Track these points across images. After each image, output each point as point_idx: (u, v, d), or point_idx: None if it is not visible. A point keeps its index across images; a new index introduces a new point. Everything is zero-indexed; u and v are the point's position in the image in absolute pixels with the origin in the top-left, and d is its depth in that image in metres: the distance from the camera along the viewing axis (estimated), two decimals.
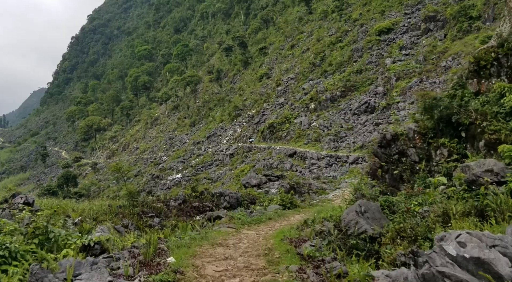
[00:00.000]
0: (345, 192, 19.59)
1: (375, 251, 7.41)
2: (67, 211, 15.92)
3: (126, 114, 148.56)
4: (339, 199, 17.89)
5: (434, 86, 49.65)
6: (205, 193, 20.23)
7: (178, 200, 18.63)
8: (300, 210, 15.26)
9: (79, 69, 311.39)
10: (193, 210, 17.67)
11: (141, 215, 16.19)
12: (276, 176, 27.44)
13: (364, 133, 49.52)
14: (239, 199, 19.38)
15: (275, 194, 21.52)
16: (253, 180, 25.84)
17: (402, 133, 12.16)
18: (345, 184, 21.65)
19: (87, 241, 7.52)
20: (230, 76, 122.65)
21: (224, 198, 19.07)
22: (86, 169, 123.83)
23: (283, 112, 66.72)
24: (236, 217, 12.73)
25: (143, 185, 69.30)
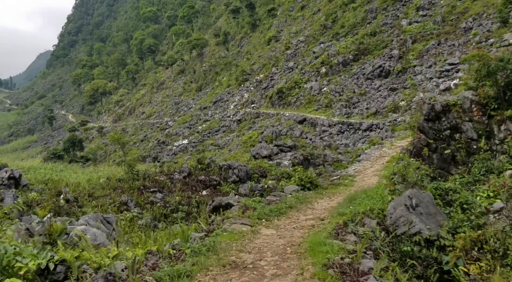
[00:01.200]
0: (365, 166, 17.93)
1: (433, 259, 5.78)
2: (60, 186, 14.39)
3: (132, 78, 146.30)
4: (361, 174, 16.28)
5: (453, 49, 46.98)
6: (212, 166, 18.65)
7: (183, 173, 17.11)
8: (323, 192, 13.12)
9: (84, 31, 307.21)
10: (199, 184, 16.17)
11: (142, 190, 14.71)
12: (288, 147, 25.75)
13: (378, 99, 47.39)
14: (249, 172, 17.82)
15: (288, 166, 19.92)
16: (264, 151, 24.17)
17: (455, 103, 10.08)
18: (365, 156, 19.93)
19: (44, 261, 4.93)
20: (237, 39, 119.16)
21: (232, 171, 17.51)
22: (93, 133, 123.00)
23: (293, 76, 64.35)
24: (250, 206, 10.33)
25: (149, 151, 68.14)
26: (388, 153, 20.34)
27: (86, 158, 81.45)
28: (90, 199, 13.62)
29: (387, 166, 16.65)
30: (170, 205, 14.29)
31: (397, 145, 21.70)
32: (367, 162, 18.74)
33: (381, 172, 15.96)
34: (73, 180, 17.25)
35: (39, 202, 12.57)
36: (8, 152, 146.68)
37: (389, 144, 22.02)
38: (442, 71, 43.80)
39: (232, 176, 17.67)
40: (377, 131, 41.86)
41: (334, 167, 21.83)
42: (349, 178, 15.38)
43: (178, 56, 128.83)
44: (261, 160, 22.73)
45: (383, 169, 16.48)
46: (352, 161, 22.91)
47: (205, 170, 18.35)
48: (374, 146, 22.12)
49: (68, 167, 59.84)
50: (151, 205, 14.06)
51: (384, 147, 21.49)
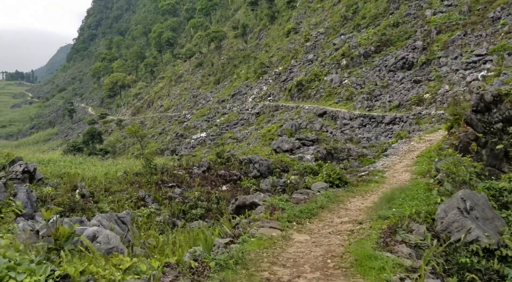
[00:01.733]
0: (393, 161, 16.97)
1: (495, 272, 4.97)
2: (76, 180, 13.86)
3: (150, 71, 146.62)
4: (390, 170, 15.35)
5: (480, 39, 45.29)
6: (232, 160, 17.95)
7: (202, 167, 16.46)
8: (353, 190, 12.11)
9: (104, 25, 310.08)
10: (219, 179, 15.52)
11: (160, 185, 14.11)
12: (310, 140, 24.89)
13: (401, 91, 46.06)
14: (270, 167, 17.09)
15: (310, 161, 19.12)
16: (285, 144, 23.36)
17: (507, 92, 9.06)
18: (393, 151, 18.92)
19: (43, 277, 3.97)
20: (256, 32, 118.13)
21: (253, 165, 16.80)
22: (112, 126, 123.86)
23: (312, 69, 63.22)
24: (278, 206, 9.37)
25: (167, 144, 67.98)
26: (417, 148, 19.34)
27: (105, 150, 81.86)
28: (106, 194, 13.08)
29: (418, 161, 15.73)
30: (189, 200, 13.62)
31: (425, 139, 20.68)
32: (395, 157, 17.76)
33: (412, 168, 15.02)
34: (90, 173, 16.71)
35: (54, 197, 12.04)
36: (30, 144, 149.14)
37: (417, 138, 21.00)
38: (468, 62, 42.27)
39: (253, 171, 16.96)
40: (400, 124, 40.67)
41: (359, 162, 20.92)
42: (379, 174, 14.49)
43: (196, 49, 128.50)
44: (282, 154, 21.95)
45: (414, 164, 15.53)
46: (378, 156, 21.93)
47: (224, 164, 17.68)
48: (401, 140, 21.09)
49: (87, 160, 60.05)
50: (169, 201, 13.44)
51: (412, 141, 20.49)
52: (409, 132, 24.66)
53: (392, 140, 24.09)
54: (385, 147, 23.60)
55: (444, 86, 41.25)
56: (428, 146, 18.66)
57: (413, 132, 23.02)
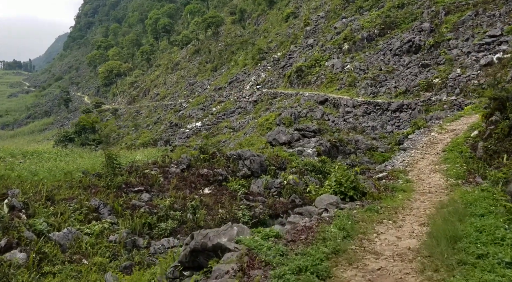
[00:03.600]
0: (414, 156, 13.96)
1: None
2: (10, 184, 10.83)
3: (147, 59, 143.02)
4: (413, 170, 12.33)
5: (494, 19, 42.06)
6: (218, 156, 15.02)
7: (181, 165, 13.60)
8: (377, 207, 8.24)
9: (101, 13, 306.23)
10: (200, 180, 12.68)
11: (124, 190, 11.15)
12: (312, 131, 21.88)
13: (408, 76, 42.99)
14: (264, 164, 14.22)
15: (312, 156, 16.23)
16: (282, 136, 20.36)
17: None
18: (411, 144, 15.89)
19: None
20: (254, 17, 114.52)
21: (243, 162, 13.94)
22: (107, 115, 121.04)
23: (313, 54, 60.01)
24: (259, 256, 5.47)
25: (160, 134, 65.00)
26: (440, 139, 16.31)
27: (98, 141, 79.00)
28: (48, 204, 10.18)
29: (447, 158, 12.72)
30: (159, 210, 10.76)
31: (447, 128, 17.67)
32: (415, 152, 14.68)
33: (441, 167, 12.05)
34: (32, 176, 13.49)
35: None
36: (25, 134, 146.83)
37: (438, 128, 17.99)
38: (481, 44, 39.12)
39: (242, 169, 14.11)
40: (408, 112, 37.76)
41: (370, 156, 18.06)
42: (402, 177, 11.35)
43: (193, 36, 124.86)
44: (278, 147, 18.97)
45: (442, 161, 12.55)
46: (391, 149, 19.04)
47: (208, 161, 14.79)
48: (418, 130, 18.12)
49: (75, 151, 57.18)
50: (133, 211, 10.57)
51: (433, 132, 17.52)
52: (426, 120, 21.80)
53: (408, 130, 21.07)
54: (399, 139, 20.59)
55: (455, 70, 38.18)
56: (453, 137, 15.71)
57: (431, 121, 20.08)
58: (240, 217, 11.24)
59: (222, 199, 12.26)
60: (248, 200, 12.45)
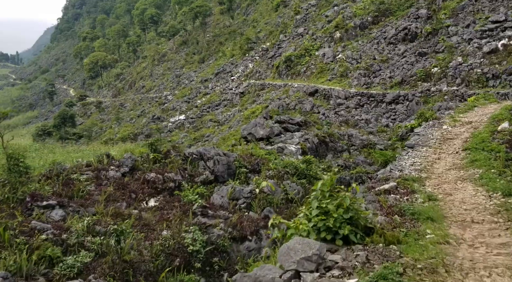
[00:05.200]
0: (426, 156, 10.80)
1: None
2: None
3: (133, 50, 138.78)
4: (431, 177, 9.13)
5: (496, 4, 39.10)
6: (172, 155, 11.78)
7: (123, 168, 10.39)
8: (400, 269, 4.43)
9: (88, 4, 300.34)
10: (146, 187, 9.43)
11: (28, 204, 7.91)
12: (296, 124, 18.65)
13: (404, 66, 39.98)
14: (232, 166, 11.13)
15: (295, 154, 13.12)
16: (260, 130, 17.08)
17: None
18: (419, 139, 12.71)
19: None
20: (243, 7, 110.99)
21: (205, 163, 10.73)
22: (91, 108, 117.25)
23: (303, 43, 56.76)
24: None
25: (141, 128, 61.51)
26: (455, 134, 13.13)
27: (79, 135, 75.34)
28: None
29: (473, 160, 9.47)
30: (69, 235, 7.62)
31: (462, 120, 14.52)
32: (426, 150, 11.57)
33: (469, 173, 8.87)
34: None
35: None
36: (9, 128, 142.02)
37: (450, 120, 14.84)
38: (484, 30, 36.17)
39: (203, 173, 10.97)
40: (405, 103, 34.80)
41: (366, 155, 14.97)
42: (418, 189, 8.14)
43: (180, 26, 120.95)
44: (254, 144, 15.76)
45: (470, 165, 9.36)
46: (392, 145, 15.94)
47: (160, 162, 11.58)
48: (426, 123, 15.02)
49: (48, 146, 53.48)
50: (29, 238, 7.37)
51: (445, 125, 14.40)
52: (433, 110, 18.89)
53: (412, 123, 17.83)
54: (401, 133, 17.44)
55: (456, 58, 35.20)
56: (473, 131, 12.65)
57: (440, 111, 17.12)
58: (188, 244, 8.07)
59: (170, 216, 9.13)
60: (206, 215, 9.32)
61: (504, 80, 30.18)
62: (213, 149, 12.00)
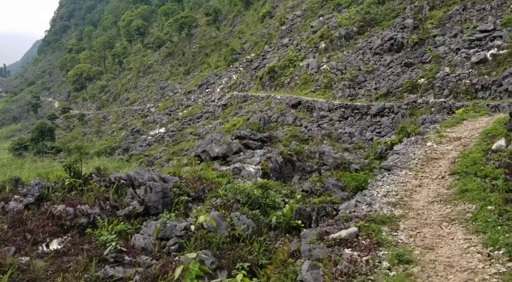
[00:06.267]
0: (404, 182, 8.73)
1: None
2: None
3: (119, 62, 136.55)
4: (409, 215, 6.83)
5: (484, 14, 37.78)
6: (93, 181, 9.63)
7: (28, 198, 8.17)
8: None
9: (76, 16, 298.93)
10: (49, 224, 7.25)
11: None
12: (258, 140, 16.56)
13: (389, 77, 38.37)
14: (168, 194, 9.00)
15: (254, 175, 11.10)
16: (215, 147, 14.95)
17: None
18: (399, 159, 10.54)
19: None
20: (229, 18, 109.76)
21: (134, 191, 8.61)
22: (74, 121, 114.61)
23: (287, 54, 55.14)
24: None
25: (119, 141, 59.11)
26: (441, 152, 11.19)
27: (57, 149, 72.63)
28: None
29: (465, 189, 7.28)
30: None
31: (449, 136, 12.47)
32: (406, 174, 9.55)
33: (458, 210, 6.94)
34: None
35: None
36: None
37: (436, 135, 12.78)
38: (472, 40, 34.72)
39: (131, 203, 8.87)
40: (390, 116, 33.02)
41: (338, 178, 12.92)
42: (387, 241, 5.95)
43: (166, 38, 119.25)
44: (206, 165, 13.63)
45: (459, 196, 7.18)
46: (369, 165, 13.93)
47: (77, 190, 9.44)
48: (408, 139, 12.92)
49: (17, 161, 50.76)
50: None
51: (429, 141, 12.35)
52: (417, 124, 16.77)
53: (392, 138, 15.59)
54: (380, 150, 15.32)
55: (443, 68, 33.62)
56: (462, 149, 10.63)
57: (424, 125, 15.09)
58: None
59: (71, 264, 6.99)
60: (121, 263, 7.21)
61: (494, 91, 28.54)
62: (148, 172, 9.83)
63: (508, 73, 28.13)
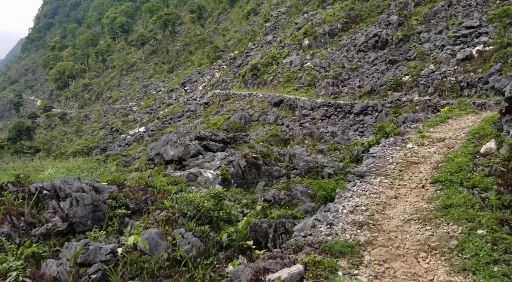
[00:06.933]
0: (378, 193, 7.36)
1: None
2: None
3: (102, 60, 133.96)
4: (377, 244, 5.61)
5: (470, 10, 36.84)
6: (6, 192, 8.13)
7: None
8: None
9: (61, 14, 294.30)
10: None
11: None
12: (220, 141, 15.03)
13: (374, 74, 37.25)
14: (102, 207, 7.46)
15: (213, 182, 9.71)
16: (171, 150, 13.34)
17: None
18: (374, 164, 9.17)
19: None
20: (214, 16, 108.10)
21: (57, 204, 7.09)
22: (56, 120, 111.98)
23: (270, 50, 53.76)
24: None
25: (98, 141, 57.21)
26: (423, 156, 9.81)
27: (36, 148, 70.46)
28: None
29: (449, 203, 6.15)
30: None
31: (433, 137, 11.17)
32: (380, 182, 8.25)
33: (440, 232, 5.68)
34: None
35: None
36: None
37: (417, 135, 11.38)
38: (457, 36, 33.74)
39: (53, 218, 7.24)
40: (374, 114, 31.84)
41: (306, 185, 11.50)
42: None
43: (150, 35, 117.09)
44: (156, 170, 12.05)
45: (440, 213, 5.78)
46: (344, 169, 12.51)
47: None
48: (387, 140, 11.51)
49: None
50: None
51: (410, 142, 10.98)
52: (397, 123, 15.18)
53: (370, 139, 14.04)
54: (358, 152, 13.83)
55: (428, 65, 32.54)
56: (446, 152, 9.28)
57: (405, 124, 13.65)
58: None
59: None
60: None
61: (480, 89, 27.51)
62: (78, 181, 8.29)
63: (494, 70, 27.10)
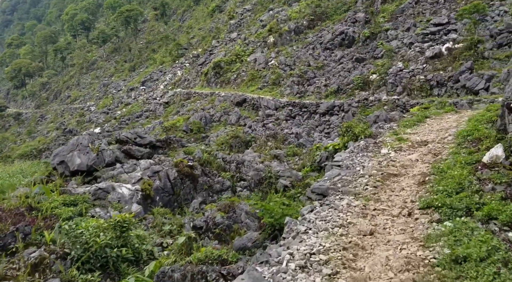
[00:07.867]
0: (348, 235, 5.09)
1: None
2: None
3: (62, 58, 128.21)
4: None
5: (437, 7, 35.76)
6: None
7: None
8: None
9: (20, 10, 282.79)
10: None
11: None
12: (147, 145, 12.47)
13: (340, 73, 35.60)
14: None
15: (129, 201, 7.39)
16: (78, 156, 10.67)
17: None
18: (339, 178, 7.16)
19: None
20: (179, 13, 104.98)
21: None
22: (10, 121, 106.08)
23: (234, 48, 51.54)
24: None
25: (49, 143, 53.45)
26: (403, 165, 7.69)
27: None
28: None
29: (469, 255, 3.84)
30: None
31: (412, 140, 9.07)
32: (349, 204, 5.92)
33: None
34: None
35: None
36: None
37: (392, 138, 9.28)
38: (426, 34, 32.51)
39: None
40: (340, 114, 30.08)
41: (252, 206, 8.99)
42: None
43: (112, 33, 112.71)
44: (60, 182, 9.57)
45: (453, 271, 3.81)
46: (303, 180, 10.28)
47: None
48: (356, 143, 9.34)
49: None
50: None
51: (385, 147, 8.84)
52: (368, 122, 13.02)
53: (335, 142, 11.66)
54: (321, 158, 11.47)
55: (396, 63, 31.07)
56: (431, 159, 7.21)
57: (378, 124, 11.59)
58: None
59: None
60: None
61: (450, 88, 26.14)
62: None
63: (465, 68, 25.80)
